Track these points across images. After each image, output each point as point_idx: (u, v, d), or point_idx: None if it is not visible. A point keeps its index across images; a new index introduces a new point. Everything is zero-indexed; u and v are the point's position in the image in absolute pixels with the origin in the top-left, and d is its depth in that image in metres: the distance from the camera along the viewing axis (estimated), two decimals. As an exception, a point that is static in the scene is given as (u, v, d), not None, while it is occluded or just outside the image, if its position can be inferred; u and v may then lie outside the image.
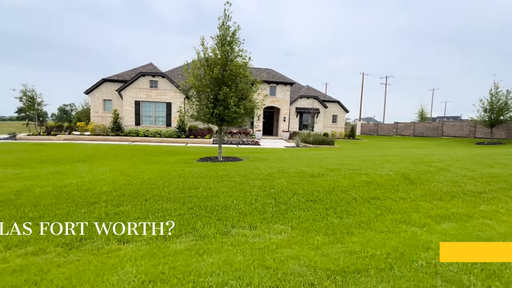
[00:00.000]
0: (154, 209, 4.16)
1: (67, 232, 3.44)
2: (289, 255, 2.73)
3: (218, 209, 4.21)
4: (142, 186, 5.15)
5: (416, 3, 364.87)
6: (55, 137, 15.73)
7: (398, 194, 5.01)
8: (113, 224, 3.67)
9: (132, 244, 3.20)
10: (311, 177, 5.91)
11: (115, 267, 2.56)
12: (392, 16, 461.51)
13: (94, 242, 3.27)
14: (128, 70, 19.26)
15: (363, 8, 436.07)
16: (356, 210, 4.27)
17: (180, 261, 2.64)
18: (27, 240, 3.27)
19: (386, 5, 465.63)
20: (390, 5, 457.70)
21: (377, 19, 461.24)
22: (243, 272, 2.36)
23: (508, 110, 19.47)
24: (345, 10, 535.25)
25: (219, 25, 8.55)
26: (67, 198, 4.52)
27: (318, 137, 17.46)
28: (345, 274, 2.27)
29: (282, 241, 3.18)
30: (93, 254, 2.95)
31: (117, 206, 4.25)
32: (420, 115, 40.57)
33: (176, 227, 3.62)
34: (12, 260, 2.84)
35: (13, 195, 4.62)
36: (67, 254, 2.97)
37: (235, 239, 3.30)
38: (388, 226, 3.68)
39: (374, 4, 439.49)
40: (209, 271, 2.39)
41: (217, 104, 7.81)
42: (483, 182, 5.65)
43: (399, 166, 6.88)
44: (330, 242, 3.14)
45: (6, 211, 4.05)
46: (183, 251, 2.95)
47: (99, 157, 9.68)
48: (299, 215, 4.08)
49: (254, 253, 2.83)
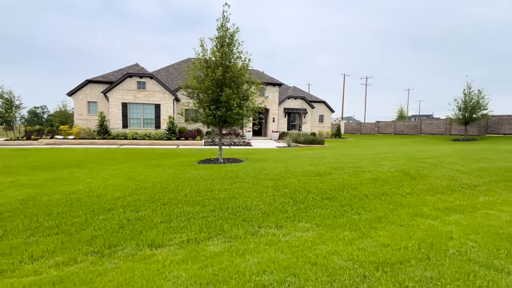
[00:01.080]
0: (176, 213, 4.12)
1: (92, 240, 3.35)
2: (328, 251, 2.86)
3: (240, 210, 4.26)
4: (155, 190, 5.07)
5: (396, 8, 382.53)
6: (36, 141, 14.82)
7: (404, 189, 5.32)
8: (138, 229, 3.61)
9: (165, 249, 3.18)
10: (318, 176, 6.10)
11: (161, 272, 2.55)
12: (373, 20, 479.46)
13: (125, 248, 3.21)
14: (113, 71, 18.53)
15: (344, 10, 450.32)
16: (371, 206, 4.50)
17: (225, 262, 2.67)
18: (51, 251, 3.15)
19: (368, 9, 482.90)
20: (371, 9, 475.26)
21: (358, 21, 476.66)
22: (293, 269, 2.45)
23: (480, 109, 21.02)
24: (327, 11, 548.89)
25: (218, 26, 8.55)
26: (80, 205, 4.35)
27: (309, 137, 17.85)
28: (390, 265, 2.43)
29: (313, 238, 3.30)
30: (129, 261, 2.90)
31: (136, 212, 4.17)
32: (400, 113, 42.72)
33: (204, 229, 3.63)
34: (45, 271, 2.73)
35: (19, 204, 4.38)
36: (101, 262, 2.89)
37: (267, 238, 3.37)
38: (404, 219, 3.92)
39: (356, 6, 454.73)
40: (260, 270, 2.46)
41: (219, 106, 7.81)
42: (475, 176, 6.13)
43: (396, 163, 7.27)
44: (359, 237, 3.31)
45: (18, 221, 3.84)
46: (222, 252, 2.98)
47: (92, 162, 9.29)
48: (319, 213, 4.22)
49: (294, 251, 2.93)
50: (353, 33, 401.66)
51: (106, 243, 3.30)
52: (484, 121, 22.25)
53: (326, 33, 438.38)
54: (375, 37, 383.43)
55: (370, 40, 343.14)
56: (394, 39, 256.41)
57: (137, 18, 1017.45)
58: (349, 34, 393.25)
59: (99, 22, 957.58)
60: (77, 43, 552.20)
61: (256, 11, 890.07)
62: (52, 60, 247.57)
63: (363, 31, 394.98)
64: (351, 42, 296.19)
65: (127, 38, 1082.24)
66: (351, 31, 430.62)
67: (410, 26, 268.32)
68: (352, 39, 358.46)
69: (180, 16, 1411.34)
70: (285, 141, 19.28)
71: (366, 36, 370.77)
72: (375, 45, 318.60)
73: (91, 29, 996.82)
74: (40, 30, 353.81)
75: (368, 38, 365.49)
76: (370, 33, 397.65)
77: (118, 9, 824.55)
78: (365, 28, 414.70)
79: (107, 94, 16.90)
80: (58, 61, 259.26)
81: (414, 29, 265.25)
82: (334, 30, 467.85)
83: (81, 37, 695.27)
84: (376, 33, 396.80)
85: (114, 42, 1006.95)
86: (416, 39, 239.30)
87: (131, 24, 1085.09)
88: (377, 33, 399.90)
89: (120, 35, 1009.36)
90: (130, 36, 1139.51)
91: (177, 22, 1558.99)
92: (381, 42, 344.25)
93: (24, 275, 2.66)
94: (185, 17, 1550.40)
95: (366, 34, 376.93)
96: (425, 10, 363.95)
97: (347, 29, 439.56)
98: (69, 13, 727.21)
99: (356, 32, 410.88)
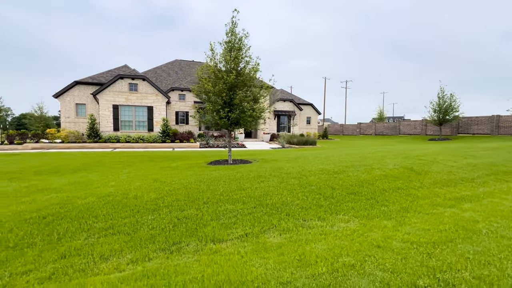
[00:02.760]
0: (221, 210, 4.32)
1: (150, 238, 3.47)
2: (382, 236, 3.25)
3: (279, 206, 4.55)
4: (189, 190, 5.21)
5: (373, 14, 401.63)
6: (21, 146, 13.93)
7: (414, 183, 5.91)
8: (192, 227, 3.78)
9: (228, 243, 3.39)
10: (335, 173, 6.55)
11: (245, 261, 2.78)
12: (350, 24, 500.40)
13: (188, 244, 3.37)
14: (102, 72, 17.87)
15: (319, 13, 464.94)
16: (392, 199, 5.00)
17: (298, 250, 2.96)
18: (118, 250, 3.24)
19: (346, 13, 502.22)
20: (349, 13, 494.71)
21: (335, 25, 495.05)
22: (365, 252, 2.81)
23: (452, 111, 23.01)
24: (301, 14, 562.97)
25: (227, 31, 8.80)
26: (122, 207, 4.40)
27: (301, 139, 18.47)
28: (443, 244, 2.88)
29: (359, 228, 3.69)
30: (202, 254, 3.09)
31: (181, 211, 4.31)
32: (379, 115, 45.27)
33: (255, 224, 3.88)
34: (126, 268, 2.84)
35: (58, 207, 4.33)
36: (174, 257, 3.05)
37: (317, 229, 3.70)
38: (427, 209, 4.44)
39: (334, 10, 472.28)
40: (336, 254, 2.78)
41: (232, 109, 8.03)
42: (469, 171, 6.92)
43: (398, 161, 7.95)
44: (398, 224, 3.75)
45: (66, 224, 3.84)
46: (285, 243, 3.26)
47: (97, 165, 9.05)
48: (351, 206, 4.64)
49: (351, 238, 3.29)
50: (328, 37, 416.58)
51: (168, 240, 3.44)
52: (456, 122, 24.34)
53: (300, 36, 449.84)
54: (350, 40, 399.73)
55: (345, 44, 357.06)
56: (371, 43, 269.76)
57: (106, 15, 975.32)
58: (324, 38, 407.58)
59: (61, 20, 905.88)
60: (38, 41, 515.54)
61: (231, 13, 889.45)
62: (18, 58, 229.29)
63: (339, 35, 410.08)
64: (327, 46, 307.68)
65: (97, 36, 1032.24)
66: (325, 35, 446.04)
67: (385, 32, 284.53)
68: (328, 43, 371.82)
69: (153, 14, 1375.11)
70: (278, 143, 19.76)
71: (343, 40, 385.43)
72: (349, 48, 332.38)
73: (56, 27, 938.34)
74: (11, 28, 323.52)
75: (344, 42, 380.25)
76: (346, 36, 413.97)
77: (81, 4, 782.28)
78: (341, 32, 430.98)
79: (97, 96, 16.31)
80: (26, 60, 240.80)
81: (389, 34, 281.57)
82: (309, 33, 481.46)
83: (47, 35, 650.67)
84: (353, 37, 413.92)
85: (79, 40, 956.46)
86: (389, 44, 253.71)
87: (99, 21, 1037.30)
88: (354, 37, 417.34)
89: (86, 33, 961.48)
90: (100, 34, 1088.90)
91: (150, 20, 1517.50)
92: (358, 45, 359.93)
93: (107, 273, 2.76)
94: (158, 16, 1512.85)
95: (342, 38, 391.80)
96: (399, 18, 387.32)
97: (322, 33, 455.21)
98: (38, 9, 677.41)
99: (331, 36, 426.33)
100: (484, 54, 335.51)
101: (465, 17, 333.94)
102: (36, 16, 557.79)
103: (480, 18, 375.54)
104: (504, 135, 21.69)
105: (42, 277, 2.68)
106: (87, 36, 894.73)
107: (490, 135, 22.59)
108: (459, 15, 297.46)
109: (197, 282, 2.37)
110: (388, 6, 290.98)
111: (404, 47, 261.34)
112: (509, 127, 21.68)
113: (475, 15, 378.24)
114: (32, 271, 2.80)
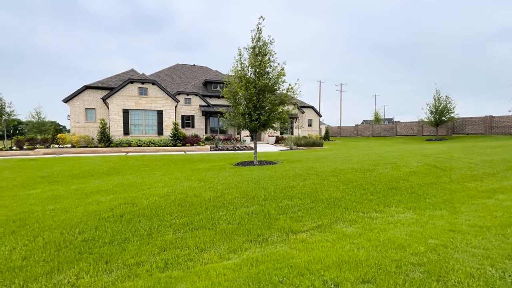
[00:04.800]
0: (283, 205, 4.62)
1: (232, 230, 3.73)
2: (448, 222, 3.63)
3: (333, 201, 4.88)
4: (242, 189, 5.47)
5: (365, 16, 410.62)
6: (32, 151, 13.76)
7: (444, 179, 6.37)
8: (265, 220, 4.06)
9: (307, 233, 3.69)
10: (367, 171, 6.94)
11: (341, 247, 3.09)
12: (341, 26, 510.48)
13: (271, 236, 3.66)
14: (111, 77, 17.85)
15: (310, 15, 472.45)
16: (431, 193, 5.41)
17: (382, 237, 3.29)
18: (211, 242, 3.48)
19: (336, 16, 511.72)
20: (341, 17, 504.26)
21: (326, 27, 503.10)
22: (445, 235, 3.17)
23: (448, 112, 24.05)
24: (298, 18, 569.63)
25: (253, 37, 9.15)
26: (188, 205, 4.63)
27: (309, 140, 18.93)
28: (507, 227, 3.27)
29: (418, 217, 4.06)
30: (292, 243, 3.38)
31: (245, 207, 4.58)
32: (376, 117, 46.60)
33: (322, 217, 4.19)
34: (229, 257, 3.10)
35: (130, 207, 4.53)
36: (267, 246, 3.33)
37: (381, 220, 4.06)
38: (468, 200, 4.88)
39: (324, 12, 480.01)
40: (419, 238, 3.13)
41: (262, 112, 8.34)
42: (487, 167, 7.46)
43: (417, 159, 8.43)
44: (452, 213, 4.15)
45: (145, 221, 4.04)
46: (362, 232, 3.59)
47: (126, 169, 9.14)
48: (397, 199, 5.02)
49: (420, 225, 3.65)
50: (322, 40, 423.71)
51: (251, 232, 3.71)
52: (451, 123, 25.42)
53: (294, 39, 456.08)
54: (340, 43, 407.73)
55: (335, 46, 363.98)
56: (360, 46, 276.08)
57: (92, 16, 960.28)
58: (318, 41, 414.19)
59: (44, 20, 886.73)
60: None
61: (227, 14, 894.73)
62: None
63: (331, 38, 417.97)
64: (321, 47, 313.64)
65: (83, 38, 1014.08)
66: (318, 37, 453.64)
67: (376, 35, 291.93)
68: (322, 44, 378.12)
69: (141, 16, 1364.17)
70: (285, 145, 20.15)
71: (336, 43, 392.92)
72: (338, 50, 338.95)
73: (43, 29, 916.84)
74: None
75: (332, 44, 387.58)
76: (339, 39, 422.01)
77: (66, 4, 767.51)
78: (334, 34, 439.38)
79: (107, 100, 16.28)
80: (7, 62, 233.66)
81: (379, 37, 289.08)
82: (303, 37, 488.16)
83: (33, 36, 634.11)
84: (346, 39, 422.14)
85: (64, 41, 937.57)
86: (377, 47, 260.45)
87: (85, 23, 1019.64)
88: (346, 39, 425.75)
89: (70, 34, 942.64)
90: (86, 36, 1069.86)
91: (138, 22, 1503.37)
92: (346, 48, 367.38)
93: (216, 261, 3.02)
94: (146, 17, 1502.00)
95: (335, 40, 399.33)
96: (391, 21, 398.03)
97: (315, 35, 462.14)
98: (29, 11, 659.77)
99: (324, 38, 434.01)
100: (473, 55, 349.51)
101: (453, 20, 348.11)
102: (16, 16, 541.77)
103: (467, 20, 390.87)
104: (497, 135, 22.82)
105: (159, 266, 2.91)
106: (72, 37, 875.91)
107: (484, 134, 23.71)
108: (452, 17, 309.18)
109: (315, 262, 2.66)
110: (374, 11, 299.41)
111: (389, 49, 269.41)
112: (501, 127, 22.85)
113: (464, 17, 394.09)
114: (143, 262, 3.02)
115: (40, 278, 2.75)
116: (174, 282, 2.54)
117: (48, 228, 3.81)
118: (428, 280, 2.14)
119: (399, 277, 2.21)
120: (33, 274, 2.81)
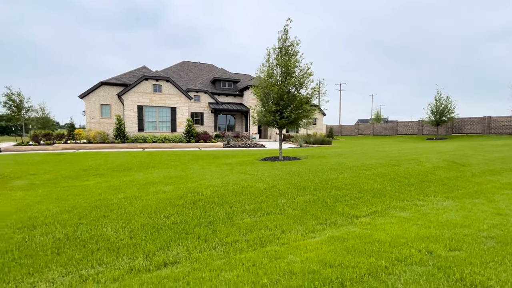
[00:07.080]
0: (334, 195, 5.09)
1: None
2: (492, 208, 4.16)
3: (376, 191, 5.37)
4: (288, 181, 5.91)
5: (367, 16, 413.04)
6: (51, 146, 13.90)
7: (466, 173, 6.94)
8: (324, 207, 4.52)
9: (367, 218, 4.16)
10: (394, 166, 7.47)
11: (408, 227, 3.57)
12: (339, 25, 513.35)
13: (337, 220, 4.12)
14: (124, 73, 17.99)
15: (310, 13, 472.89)
16: (460, 185, 5.95)
17: (440, 219, 3.79)
18: (281, 225, 3.91)
19: (334, 14, 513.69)
20: (338, 14, 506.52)
21: (324, 26, 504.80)
22: (495, 217, 3.68)
23: (449, 112, 24.92)
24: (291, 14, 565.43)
25: (279, 38, 9.57)
26: (248, 194, 5.04)
27: (318, 138, 19.47)
28: (546, 211, 3.81)
29: (461, 205, 4.57)
30: (360, 225, 3.84)
31: (301, 196, 5.03)
32: (376, 116, 47.63)
33: (374, 205, 4.67)
34: (313, 235, 3.55)
35: (197, 195, 4.92)
36: (338, 228, 3.78)
37: (429, 207, 4.56)
38: (497, 191, 5.43)
39: (323, 11, 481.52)
40: (475, 219, 3.63)
41: (292, 109, 8.79)
42: (502, 162, 8.08)
43: (435, 156, 9.01)
44: (489, 201, 4.69)
45: (217, 208, 4.45)
46: (418, 216, 4.08)
47: (156, 163, 9.46)
48: (432, 190, 5.55)
49: (469, 210, 4.16)
50: (319, 38, 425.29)
51: (319, 217, 4.16)
52: (451, 122, 26.34)
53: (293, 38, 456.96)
54: (338, 42, 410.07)
55: (331, 45, 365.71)
56: (357, 45, 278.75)
57: (83, 11, 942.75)
58: (316, 38, 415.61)
59: (32, 13, 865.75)
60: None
61: (222, 13, 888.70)
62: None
63: (329, 36, 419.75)
64: (319, 46, 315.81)
65: (74, 33, 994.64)
66: (316, 36, 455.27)
67: (373, 34, 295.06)
68: (319, 43, 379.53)
69: (134, 10, 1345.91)
70: (294, 142, 20.65)
71: (333, 41, 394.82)
72: (335, 48, 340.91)
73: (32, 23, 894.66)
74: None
75: (330, 43, 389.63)
76: (335, 38, 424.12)
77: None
78: (331, 32, 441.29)
79: (122, 96, 16.47)
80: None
81: (376, 37, 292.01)
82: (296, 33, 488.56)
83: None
84: (343, 39, 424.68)
85: (52, 36, 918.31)
86: (376, 46, 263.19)
87: (74, 17, 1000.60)
88: (344, 39, 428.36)
89: (60, 28, 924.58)
90: (77, 31, 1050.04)
91: (130, 18, 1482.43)
92: (343, 47, 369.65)
93: (302, 239, 3.46)
94: (139, 12, 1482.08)
95: (332, 39, 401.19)
96: (388, 21, 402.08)
97: (313, 34, 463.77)
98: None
99: (321, 37, 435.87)
100: (471, 56, 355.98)
101: (449, 21, 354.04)
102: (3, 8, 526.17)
103: (466, 21, 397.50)
104: (495, 134, 23.79)
105: (257, 243, 3.33)
106: (61, 31, 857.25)
107: (482, 134, 24.67)
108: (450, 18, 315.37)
109: (398, 238, 3.13)
110: (375, 11, 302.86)
111: (388, 49, 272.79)
112: (499, 127, 23.83)
113: (462, 18, 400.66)
114: (239, 240, 3.44)
115: (157, 252, 3.15)
116: (283, 254, 2.98)
117: (133, 213, 4.19)
118: (506, 247, 2.63)
119: (480, 246, 2.70)
120: (147, 249, 3.20)
